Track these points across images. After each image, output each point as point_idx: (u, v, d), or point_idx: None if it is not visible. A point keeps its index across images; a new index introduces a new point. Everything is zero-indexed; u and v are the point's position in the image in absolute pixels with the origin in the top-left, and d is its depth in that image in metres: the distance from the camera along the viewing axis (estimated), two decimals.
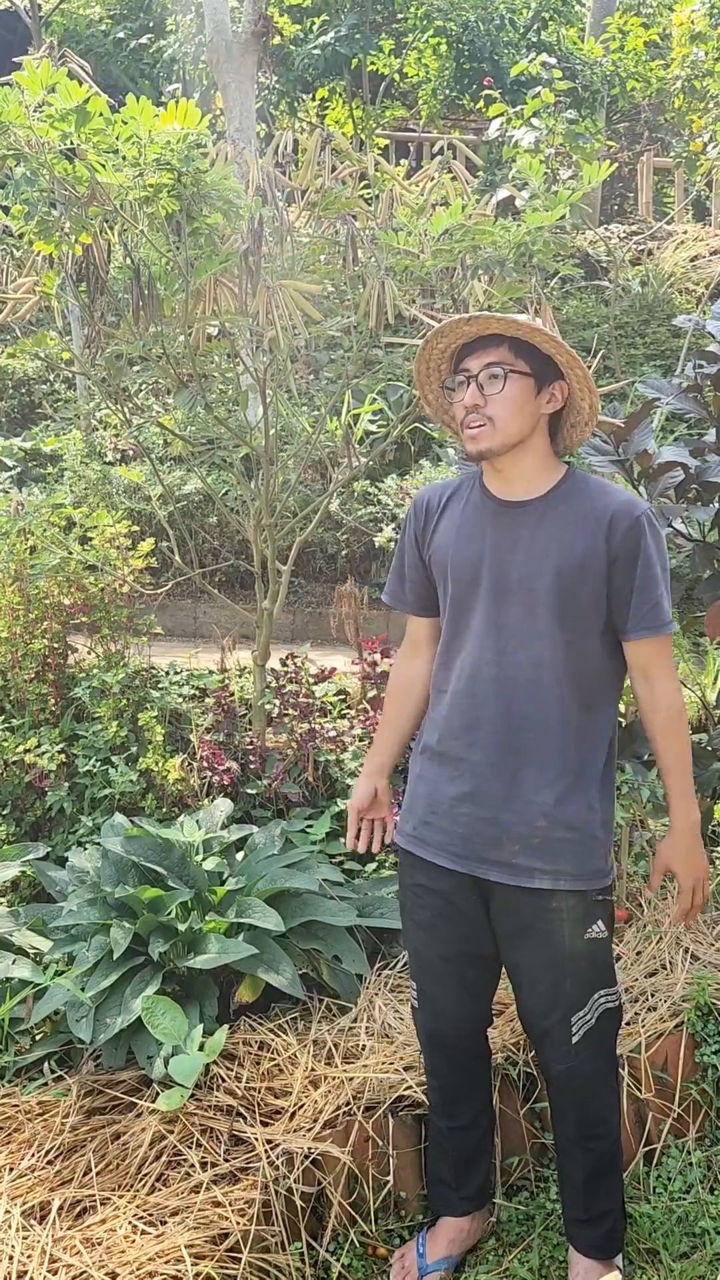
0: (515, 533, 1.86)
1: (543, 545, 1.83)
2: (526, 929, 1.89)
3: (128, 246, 2.73)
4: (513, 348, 1.81)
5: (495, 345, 1.82)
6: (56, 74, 2.34)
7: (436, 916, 1.97)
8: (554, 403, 1.85)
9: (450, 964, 1.99)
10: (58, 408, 6.85)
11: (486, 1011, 2.08)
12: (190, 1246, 1.87)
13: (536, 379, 1.82)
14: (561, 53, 8.62)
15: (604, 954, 1.92)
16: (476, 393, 1.82)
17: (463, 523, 1.93)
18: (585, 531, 1.81)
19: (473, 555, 1.89)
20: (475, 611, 1.89)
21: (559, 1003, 1.90)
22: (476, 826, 1.89)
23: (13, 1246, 1.88)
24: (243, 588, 5.40)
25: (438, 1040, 2.06)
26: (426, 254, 2.61)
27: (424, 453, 5.94)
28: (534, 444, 1.86)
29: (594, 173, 2.51)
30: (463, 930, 1.96)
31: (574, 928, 1.86)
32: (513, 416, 1.82)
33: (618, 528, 1.80)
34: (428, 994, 2.03)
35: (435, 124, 10.31)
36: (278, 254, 2.70)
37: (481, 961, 2.00)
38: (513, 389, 1.81)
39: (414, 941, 2.03)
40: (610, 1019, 1.95)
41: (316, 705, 3.31)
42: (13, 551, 3.11)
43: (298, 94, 9.91)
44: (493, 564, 1.86)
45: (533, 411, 1.83)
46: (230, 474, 4.00)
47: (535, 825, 1.84)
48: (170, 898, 2.39)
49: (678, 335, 6.90)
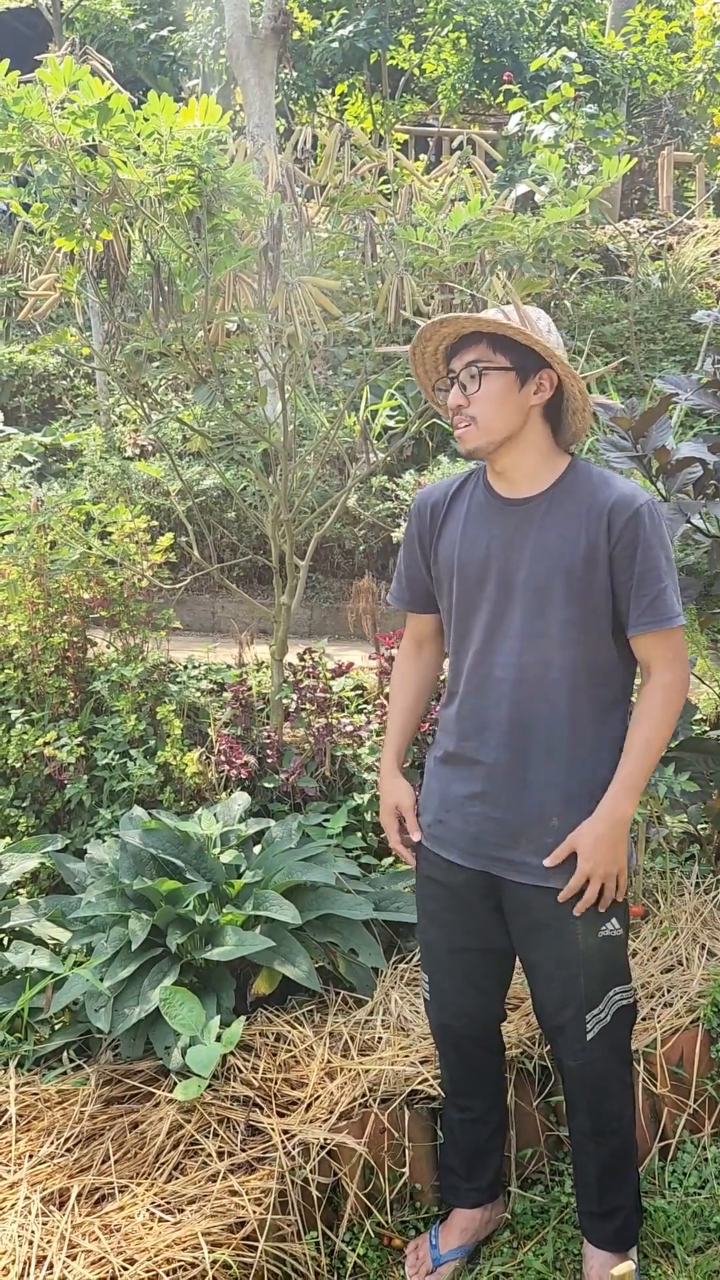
0: (521, 531, 1.84)
1: (548, 543, 1.81)
2: (540, 926, 1.89)
3: (148, 243, 2.74)
4: (491, 344, 1.79)
5: (474, 343, 1.81)
6: (79, 71, 2.36)
7: (445, 910, 1.99)
8: (543, 392, 1.81)
9: (457, 957, 2.01)
10: (78, 403, 6.88)
11: (496, 1007, 2.08)
12: (207, 1234, 1.89)
13: (519, 371, 1.80)
14: (582, 46, 8.58)
15: (618, 952, 1.92)
16: (459, 393, 1.81)
17: (467, 523, 1.91)
18: (587, 526, 1.79)
19: (479, 556, 1.88)
20: (482, 612, 1.88)
21: (572, 1000, 1.90)
22: (488, 826, 1.89)
23: (33, 1232, 1.91)
24: (261, 583, 5.42)
25: (446, 1032, 2.08)
26: (445, 249, 2.61)
27: (442, 448, 5.93)
28: (529, 438, 1.83)
29: (613, 167, 2.50)
30: (471, 925, 1.97)
31: (587, 925, 1.86)
32: (496, 413, 1.80)
33: (617, 520, 1.77)
34: (437, 986, 2.05)
35: (454, 119, 10.28)
36: (296, 250, 2.71)
37: (492, 957, 2.01)
38: (492, 385, 1.79)
39: (425, 934, 2.06)
40: (625, 1016, 1.95)
41: (334, 700, 3.32)
42: (33, 546, 3.13)
43: (317, 89, 9.90)
44: (499, 564, 1.85)
45: (518, 405, 1.81)
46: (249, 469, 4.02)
47: (548, 824, 1.84)
48: (188, 890, 2.40)
49: (698, 331, 6.86)
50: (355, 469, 3.36)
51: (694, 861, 2.96)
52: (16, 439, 6.00)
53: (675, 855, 2.99)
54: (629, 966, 1.97)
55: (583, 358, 5.84)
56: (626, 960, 1.95)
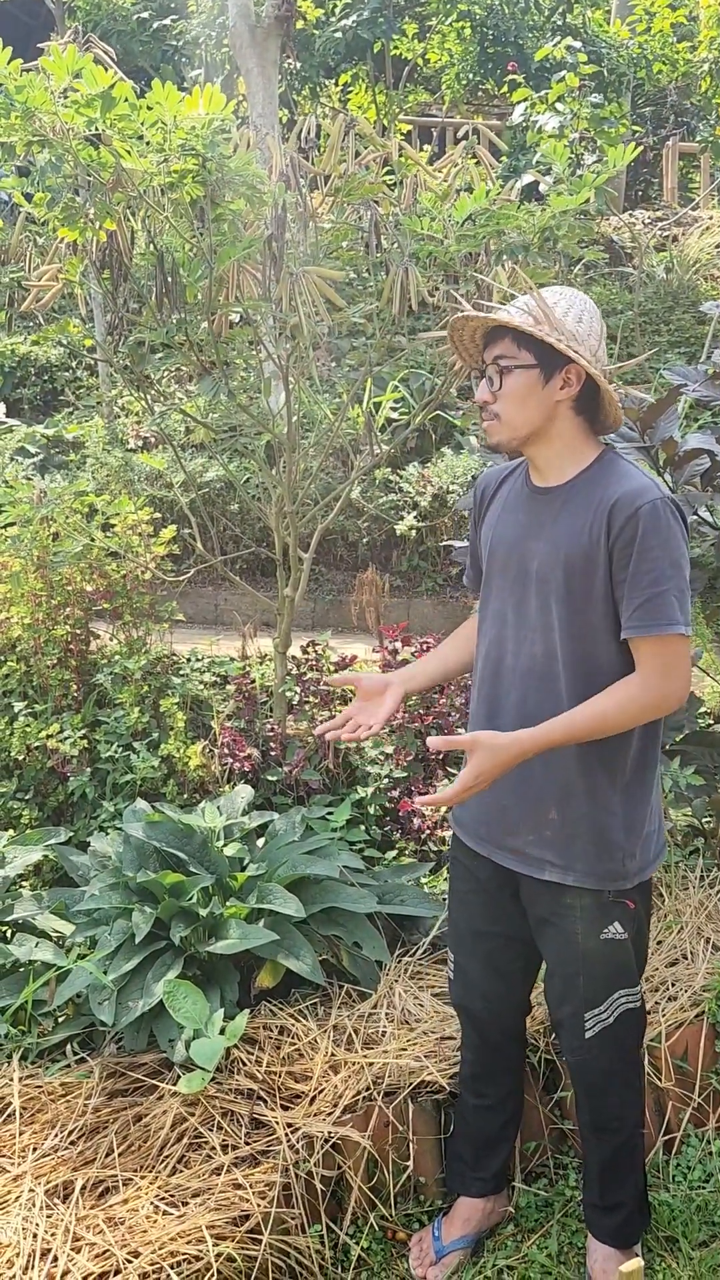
0: (540, 521, 1.83)
1: (558, 535, 1.79)
2: (545, 921, 1.89)
3: (151, 233, 2.73)
4: (515, 339, 1.75)
5: (501, 337, 1.77)
6: (82, 60, 2.34)
7: (470, 892, 2.02)
8: (569, 387, 1.76)
9: (479, 940, 2.02)
10: (81, 395, 6.86)
11: (520, 995, 2.08)
12: (211, 1227, 1.89)
13: (542, 368, 1.75)
14: (587, 36, 8.53)
15: (623, 955, 1.89)
16: (485, 388, 1.79)
17: (506, 507, 1.92)
18: (591, 521, 1.75)
19: (507, 540, 1.87)
20: (500, 598, 1.88)
21: (570, 997, 1.90)
22: (494, 813, 1.90)
23: (37, 1225, 1.91)
24: (264, 575, 5.41)
25: (468, 1013, 2.09)
26: (450, 239, 2.60)
27: (446, 440, 5.92)
28: (557, 431, 1.80)
29: (619, 156, 2.48)
30: (492, 910, 1.99)
31: (588, 926, 1.85)
32: (517, 410, 1.77)
33: (616, 517, 1.72)
34: (460, 965, 2.07)
35: (459, 109, 10.24)
36: (301, 240, 2.69)
37: (515, 944, 2.01)
38: (514, 383, 1.76)
39: (452, 912, 2.08)
40: (630, 1020, 1.92)
41: (337, 693, 3.31)
42: (36, 538, 3.12)
43: (320, 79, 9.86)
44: (520, 553, 1.85)
45: (542, 401, 1.76)
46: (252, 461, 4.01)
47: (546, 817, 1.84)
48: (191, 883, 2.40)
49: (703, 322, 6.83)
50: (359, 461, 3.35)
51: (699, 855, 2.95)
52: (19, 431, 5.99)
53: (680, 849, 2.98)
54: (635, 971, 1.93)
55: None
56: (633, 964, 1.91)
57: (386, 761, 3.08)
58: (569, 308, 1.77)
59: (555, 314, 1.73)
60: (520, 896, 1.94)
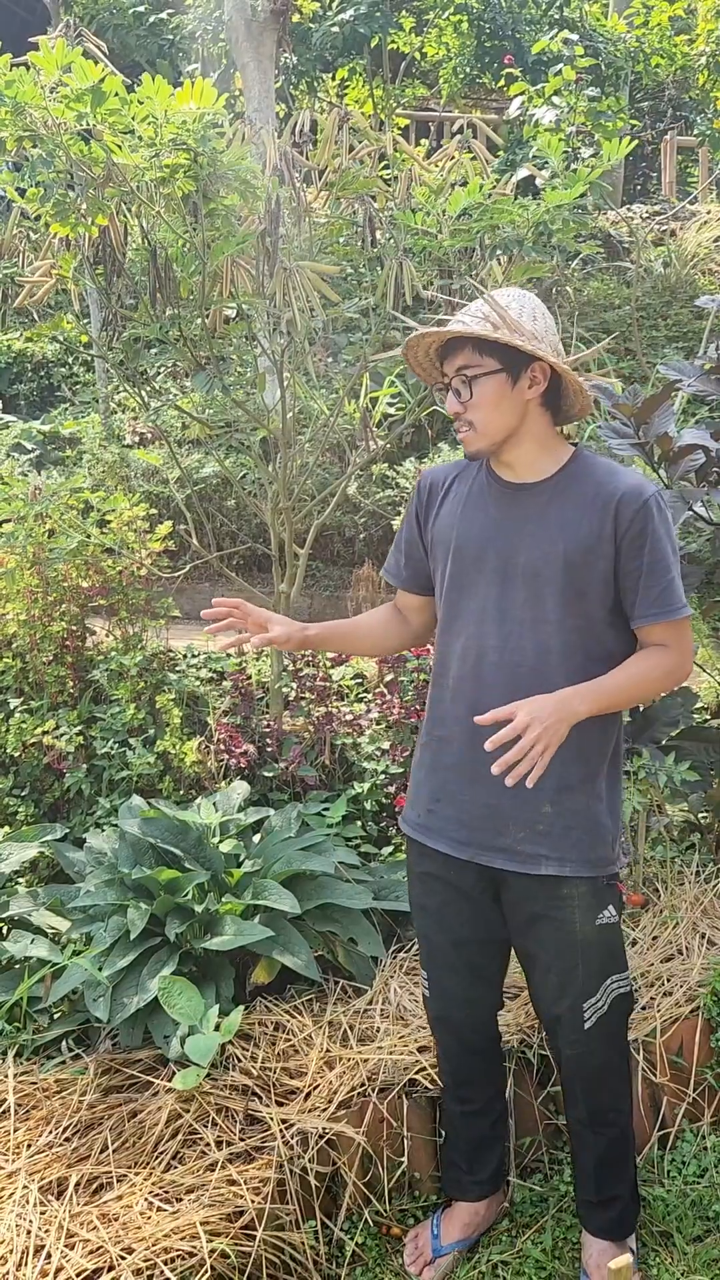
0: (523, 515, 1.84)
1: (550, 529, 1.80)
2: (538, 917, 1.88)
3: (145, 228, 2.72)
4: (476, 347, 1.77)
5: (461, 347, 1.79)
6: (72, 54, 2.33)
7: (445, 904, 1.97)
8: (537, 385, 1.79)
9: (461, 950, 2.00)
10: (76, 391, 6.86)
11: (497, 996, 2.08)
12: (206, 1224, 1.89)
13: (508, 370, 1.77)
14: (584, 29, 8.50)
15: (615, 939, 1.92)
16: (454, 400, 1.80)
17: (467, 503, 1.91)
18: (592, 515, 1.78)
19: (476, 535, 1.87)
20: (477, 594, 1.86)
21: (570, 990, 1.90)
22: (481, 813, 1.88)
23: (30, 1221, 1.91)
24: (260, 571, 5.41)
25: (449, 1024, 2.07)
26: (445, 234, 2.59)
27: (442, 435, 5.91)
28: (529, 430, 1.83)
29: (614, 149, 2.47)
30: (472, 917, 1.96)
31: (585, 914, 1.86)
32: (491, 416, 1.79)
33: (625, 511, 1.76)
34: (438, 980, 2.04)
35: (456, 103, 10.21)
36: (295, 235, 2.69)
37: (493, 947, 2.01)
38: (484, 390, 1.77)
39: (424, 928, 2.04)
40: (622, 1005, 1.95)
41: (333, 689, 3.31)
42: (31, 535, 3.11)
43: (317, 73, 9.82)
44: (499, 547, 1.84)
45: (514, 402, 1.79)
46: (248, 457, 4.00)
47: (540, 812, 1.83)
48: (187, 879, 2.40)
49: (700, 317, 6.82)
50: (355, 456, 3.35)
51: (694, 850, 2.95)
52: (15, 426, 5.98)
53: (676, 844, 2.98)
54: (625, 954, 1.96)
55: (573, 342, 5.81)
56: (623, 947, 1.95)
57: (383, 757, 3.08)
58: (521, 308, 1.79)
59: (510, 315, 1.75)
60: (502, 898, 1.93)
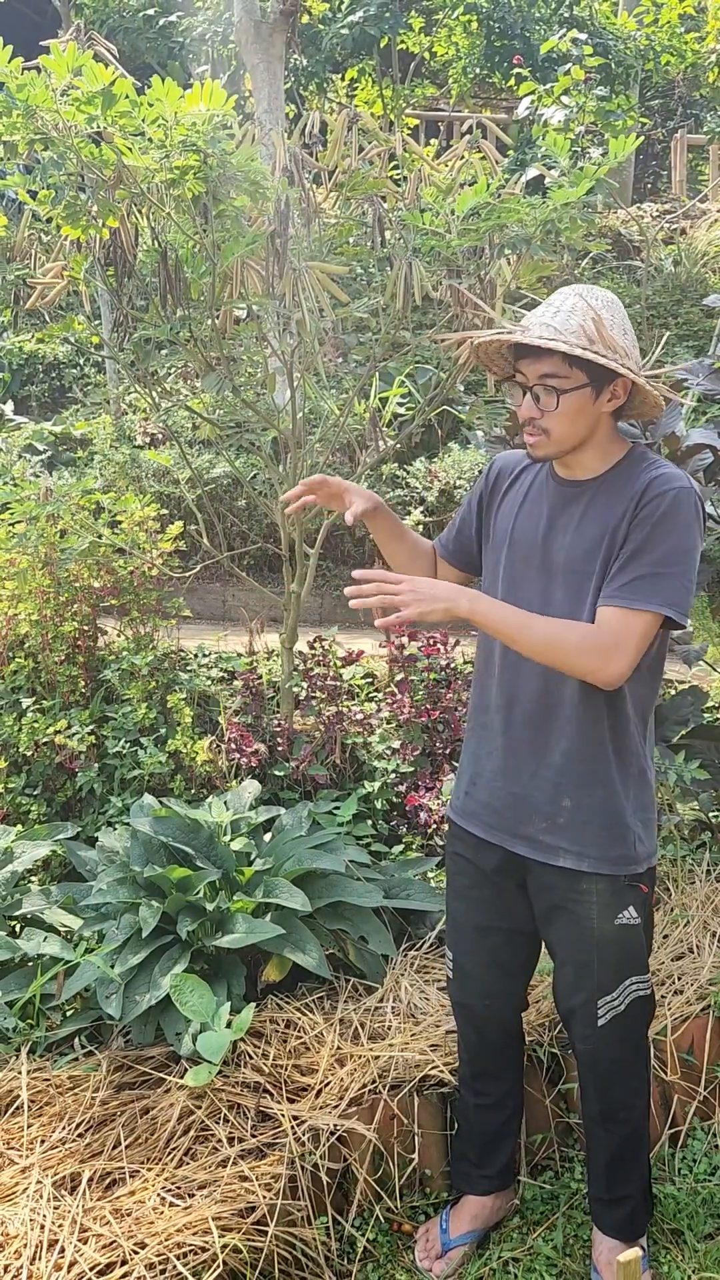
0: (566, 513, 1.84)
1: (587, 528, 1.80)
2: (557, 908, 1.89)
3: (155, 230, 2.73)
4: (567, 357, 1.72)
5: (548, 353, 1.73)
6: (82, 57, 2.34)
7: (472, 887, 2.00)
8: (616, 400, 1.77)
9: (484, 935, 2.01)
10: (87, 392, 6.88)
11: (519, 991, 2.08)
12: (217, 1219, 1.90)
13: (594, 385, 1.74)
14: (594, 28, 8.50)
15: (635, 941, 1.90)
16: (532, 405, 1.76)
17: (528, 498, 1.91)
18: (626, 505, 1.76)
19: (532, 531, 1.87)
20: (525, 589, 1.86)
21: (584, 985, 1.90)
22: (507, 800, 1.90)
23: (44, 1216, 1.92)
24: (271, 571, 5.42)
25: (467, 1012, 2.08)
26: (453, 233, 2.59)
27: (452, 435, 5.91)
28: (596, 437, 1.81)
29: (621, 147, 2.47)
30: (498, 904, 1.98)
31: (603, 911, 1.86)
32: (569, 428, 1.76)
33: (647, 494, 1.73)
34: (460, 964, 2.06)
35: (466, 103, 10.22)
36: (305, 236, 2.70)
37: (518, 939, 2.01)
38: (567, 403, 1.74)
39: (452, 910, 2.07)
40: (640, 1007, 1.94)
41: (344, 688, 3.32)
42: (43, 535, 3.13)
43: (327, 74, 9.85)
44: (545, 542, 1.85)
45: (591, 416, 1.77)
46: (258, 457, 4.01)
47: (560, 805, 1.85)
48: (198, 877, 2.41)
49: (711, 316, 6.81)
50: (365, 456, 3.35)
51: (705, 849, 2.95)
52: (27, 428, 6.01)
53: (686, 843, 2.98)
54: (646, 957, 1.95)
55: None
56: (644, 950, 1.93)
57: (393, 756, 3.09)
58: (612, 319, 1.74)
59: (606, 330, 1.70)
60: (528, 887, 1.94)
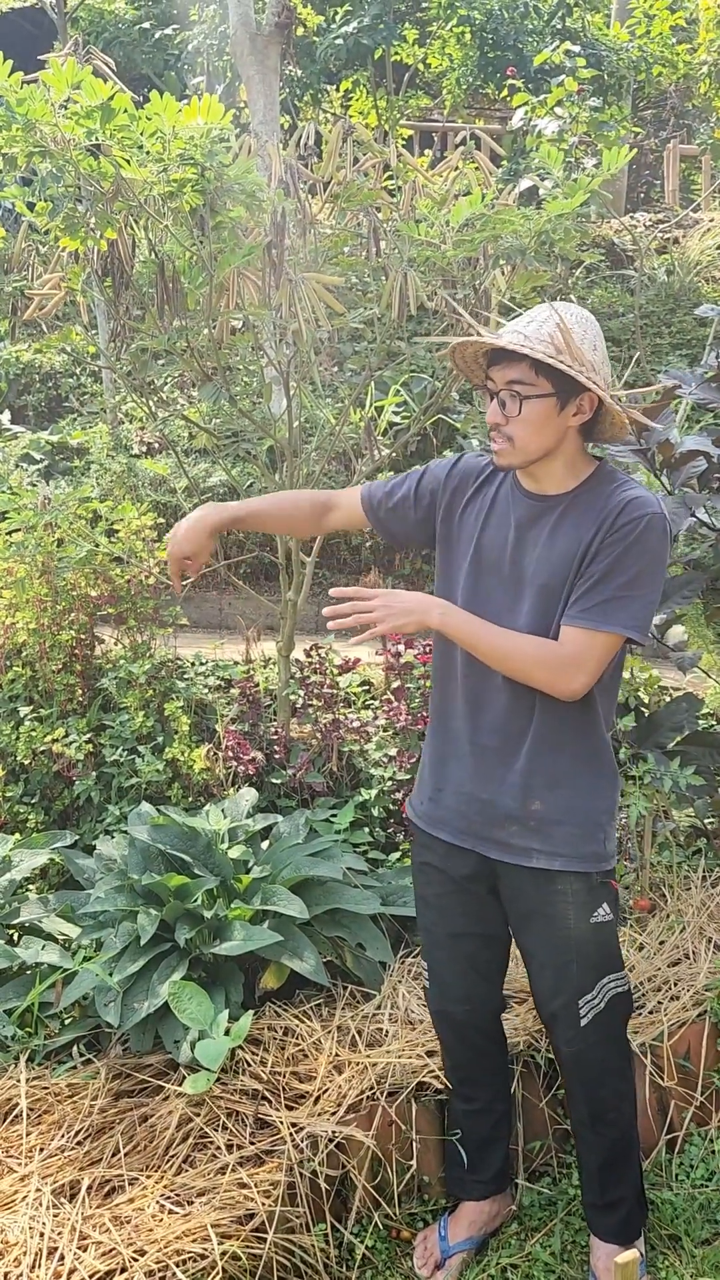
0: (535, 528, 1.85)
1: (556, 544, 1.81)
2: (533, 912, 1.91)
3: (152, 241, 2.75)
4: (534, 365, 1.74)
5: (518, 360, 1.75)
6: (81, 71, 2.37)
7: (444, 895, 2.00)
8: (581, 414, 1.78)
9: (459, 942, 2.02)
10: (84, 401, 6.90)
11: (496, 994, 2.09)
12: (216, 1226, 1.90)
13: (559, 396, 1.75)
14: (586, 39, 8.56)
15: (610, 938, 1.93)
16: (498, 410, 1.78)
17: (495, 509, 1.91)
18: (593, 524, 1.77)
19: (500, 543, 1.87)
20: (491, 601, 1.87)
21: (565, 986, 1.91)
22: (477, 806, 1.91)
23: (43, 1224, 1.92)
24: (268, 579, 5.43)
25: (446, 1019, 2.09)
26: (448, 244, 2.61)
27: (447, 444, 5.93)
28: (562, 451, 1.82)
29: (614, 158, 2.49)
30: (471, 910, 1.99)
31: (579, 911, 1.88)
32: (532, 436, 1.77)
33: (619, 519, 1.74)
34: (437, 972, 2.07)
35: (460, 114, 10.28)
36: (300, 246, 2.72)
37: (494, 943, 2.03)
38: (531, 411, 1.75)
39: (424, 919, 2.07)
40: (619, 1004, 1.96)
41: (341, 696, 3.33)
42: (40, 544, 3.14)
43: (321, 85, 9.90)
44: (514, 557, 1.86)
45: (556, 428, 1.78)
46: (255, 466, 4.03)
47: (530, 808, 1.86)
48: (196, 885, 2.42)
49: (704, 324, 6.85)
50: (360, 465, 3.37)
51: (701, 856, 2.96)
52: (24, 437, 6.02)
53: (682, 849, 2.99)
54: (621, 954, 1.98)
55: None
56: (618, 947, 1.97)
57: (390, 764, 3.10)
58: (584, 334, 1.76)
59: (574, 341, 1.72)
60: (500, 892, 1.95)
